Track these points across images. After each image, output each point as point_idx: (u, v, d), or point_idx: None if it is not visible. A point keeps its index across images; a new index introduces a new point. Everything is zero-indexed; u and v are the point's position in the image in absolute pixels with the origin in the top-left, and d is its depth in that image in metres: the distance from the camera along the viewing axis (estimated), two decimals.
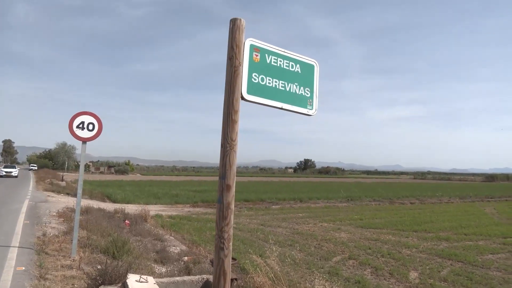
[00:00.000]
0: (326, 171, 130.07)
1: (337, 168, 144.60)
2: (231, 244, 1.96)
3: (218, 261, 1.90)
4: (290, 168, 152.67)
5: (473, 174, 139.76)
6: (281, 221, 14.42)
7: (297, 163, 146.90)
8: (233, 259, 4.35)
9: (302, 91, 2.41)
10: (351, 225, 13.65)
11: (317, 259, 8.51)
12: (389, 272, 7.45)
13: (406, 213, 18.10)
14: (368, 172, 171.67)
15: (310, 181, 62.95)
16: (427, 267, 7.86)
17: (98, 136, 6.12)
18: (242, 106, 2.07)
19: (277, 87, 2.29)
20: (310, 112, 2.45)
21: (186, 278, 4.42)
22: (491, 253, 9.32)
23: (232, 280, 3.83)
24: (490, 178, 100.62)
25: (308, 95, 2.44)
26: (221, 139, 1.99)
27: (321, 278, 4.86)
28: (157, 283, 3.99)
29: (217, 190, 2.00)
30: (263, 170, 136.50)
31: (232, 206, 1.97)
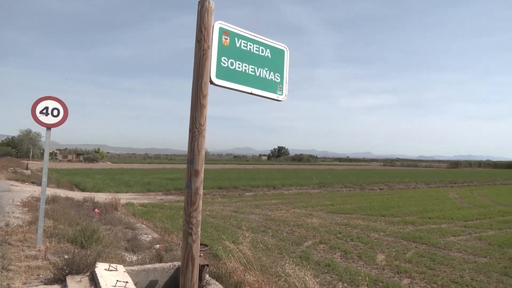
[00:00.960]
0: (299, 158, 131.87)
1: (310, 156, 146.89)
2: (199, 229, 1.94)
3: (186, 247, 1.88)
4: (264, 155, 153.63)
5: (439, 161, 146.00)
6: (255, 208, 14.54)
7: (271, 150, 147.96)
8: (205, 245, 4.35)
9: (272, 76, 2.39)
10: (323, 211, 13.95)
11: (289, 244, 8.67)
12: (357, 255, 7.71)
13: (375, 199, 18.69)
14: (340, 159, 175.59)
15: (284, 168, 63.67)
16: (393, 249, 8.18)
17: (63, 122, 5.87)
18: (212, 91, 2.03)
19: (247, 71, 2.26)
20: (280, 98, 2.44)
21: (157, 265, 4.38)
22: (453, 236, 9.82)
23: (203, 266, 3.84)
24: (454, 164, 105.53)
25: (278, 81, 2.43)
26: (190, 124, 1.95)
27: (291, 262, 4.95)
28: (127, 271, 3.93)
29: (186, 175, 1.96)
30: (237, 158, 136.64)
31: (201, 192, 1.95)
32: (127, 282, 3.38)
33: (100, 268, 3.80)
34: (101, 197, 14.04)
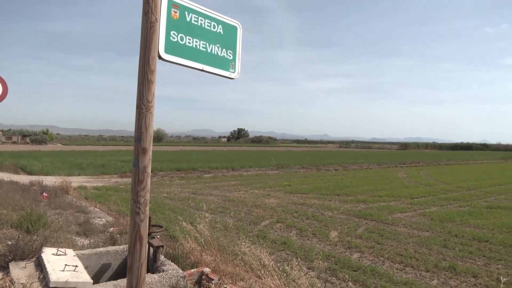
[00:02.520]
0: (259, 140, 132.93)
1: (270, 137, 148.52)
2: (147, 208, 1.89)
3: (134, 226, 1.83)
4: (224, 137, 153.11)
5: (390, 143, 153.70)
6: (213, 189, 14.54)
7: (231, 132, 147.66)
8: (160, 226, 4.30)
9: (224, 53, 2.34)
10: (280, 191, 14.26)
11: (246, 224, 8.80)
12: (312, 233, 8.00)
13: (330, 179, 19.39)
14: (298, 141, 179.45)
15: (243, 150, 63.95)
16: (346, 226, 8.59)
17: (2, 100, 5.44)
18: (165, 68, 1.95)
19: (198, 47, 2.19)
20: (232, 75, 2.40)
21: (110, 248, 4.27)
22: (400, 212, 10.47)
23: (158, 247, 3.80)
24: (404, 146, 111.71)
25: (231, 58, 2.38)
26: (137, 100, 1.87)
27: (247, 241, 5.03)
28: (78, 255, 3.80)
29: (133, 154, 1.90)
30: (196, 140, 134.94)
31: (149, 170, 1.90)
32: (76, 266, 3.26)
33: (47, 253, 3.63)
34: (50, 180, 13.33)
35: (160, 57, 1.97)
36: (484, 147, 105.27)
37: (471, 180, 19.69)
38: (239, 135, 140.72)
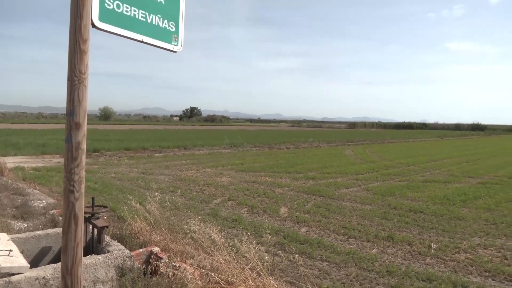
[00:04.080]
0: (212, 119, 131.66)
1: (223, 116, 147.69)
2: (83, 186, 1.80)
3: (68, 205, 1.74)
4: (176, 116, 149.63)
5: (339, 122, 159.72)
6: (164, 169, 14.26)
7: (183, 111, 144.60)
8: (105, 206, 4.15)
9: (166, 24, 2.22)
10: (233, 170, 14.34)
11: (198, 202, 8.78)
12: (263, 210, 8.19)
13: (282, 157, 19.82)
14: (251, 120, 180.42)
15: (196, 129, 63.07)
16: (295, 202, 8.88)
17: None
18: (110, 41, 1.81)
19: (137, 17, 2.05)
20: (175, 49, 2.30)
21: (50, 231, 4.05)
22: (345, 188, 11.01)
23: (102, 228, 3.67)
24: (352, 125, 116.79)
25: (173, 30, 2.27)
26: (68, 72, 1.73)
27: (198, 219, 5.03)
28: (13, 239, 3.56)
29: (65, 128, 1.78)
30: (146, 118, 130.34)
31: (83, 146, 1.79)
32: (10, 250, 3.06)
33: None
34: None
35: (93, 26, 1.82)
36: (423, 126, 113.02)
37: (410, 157, 21.15)
38: (191, 114, 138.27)
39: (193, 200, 9.02)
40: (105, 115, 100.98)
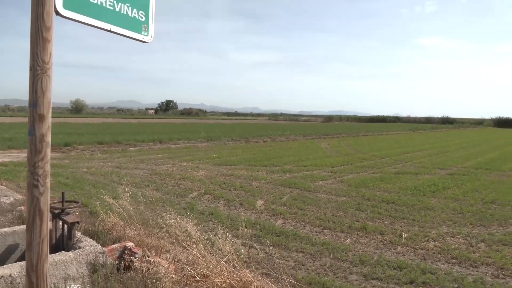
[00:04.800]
0: (188, 112, 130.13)
1: (199, 110, 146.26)
2: (48, 180, 1.73)
3: (32, 200, 1.67)
4: (151, 109, 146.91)
5: (316, 116, 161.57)
6: (139, 163, 14.01)
7: (159, 104, 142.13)
8: (75, 202, 4.03)
9: (135, 13, 2.15)
10: (209, 163, 14.26)
11: (174, 197, 8.69)
12: (239, 203, 8.20)
13: (259, 150, 19.88)
14: (228, 114, 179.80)
15: (172, 122, 62.18)
16: (272, 195, 8.95)
17: None
18: (81, 31, 1.74)
19: (104, 5, 1.97)
20: (145, 39, 2.24)
21: (17, 228, 3.90)
22: (321, 180, 11.18)
23: (73, 223, 3.57)
24: (328, 119, 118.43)
25: (143, 20, 2.21)
26: (30, 61, 1.65)
27: (174, 213, 4.98)
28: None
29: (28, 120, 1.70)
30: (120, 111, 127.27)
31: (48, 139, 1.72)
32: None
33: None
34: None
35: (57, 13, 1.74)
36: (396, 119, 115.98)
37: (384, 150, 21.70)
38: (167, 107, 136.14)
39: (168, 194, 8.92)
40: (77, 108, 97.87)
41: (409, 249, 5.61)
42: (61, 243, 3.80)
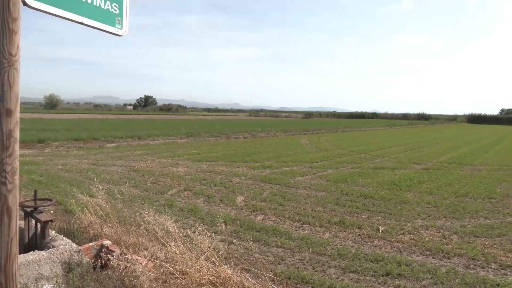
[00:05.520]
0: (167, 108, 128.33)
1: (179, 106, 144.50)
2: (16, 177, 1.67)
3: (0, 198, 1.61)
4: (130, 105, 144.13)
5: (296, 112, 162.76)
6: (117, 160, 13.73)
7: (137, 99, 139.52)
8: (49, 200, 3.92)
9: (108, 6, 2.09)
10: (189, 160, 14.14)
11: (153, 193, 8.58)
12: (219, 199, 8.18)
13: (239, 146, 19.85)
14: (209, 110, 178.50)
15: (151, 118, 61.18)
16: (252, 191, 8.96)
17: None
18: (44, 20, 1.67)
19: None
20: (119, 32, 2.18)
21: None
22: (301, 176, 11.28)
23: (46, 222, 3.47)
24: (308, 115, 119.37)
25: (117, 12, 2.15)
26: None
27: (152, 210, 4.92)
28: None
29: None
30: (97, 107, 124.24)
31: (16, 135, 1.66)
32: None
33: None
34: None
35: (24, 3, 1.67)
36: (374, 115, 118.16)
37: (362, 145, 22.10)
38: (146, 103, 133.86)
39: (147, 191, 8.80)
40: (51, 104, 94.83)
41: (385, 242, 5.75)
42: (34, 243, 3.69)
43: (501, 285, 4.32)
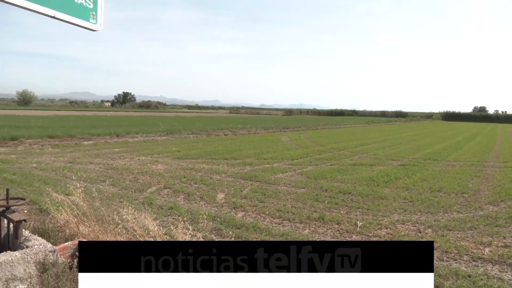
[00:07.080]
0: (147, 105, 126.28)
1: (159, 103, 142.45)
2: None
3: None
4: (108, 101, 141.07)
5: (277, 109, 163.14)
6: (94, 157, 13.44)
7: (115, 96, 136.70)
8: (22, 199, 3.81)
9: (82, 0, 2.05)
10: (169, 157, 13.99)
11: (131, 192, 8.45)
12: (200, 196, 8.14)
13: (220, 144, 19.78)
14: (189, 107, 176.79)
15: (130, 115, 60.10)
16: (232, 188, 8.96)
17: None
18: (17, 13, 1.60)
19: None
20: (94, 27, 2.13)
21: None
22: (281, 173, 11.35)
23: (19, 221, 3.37)
24: (288, 112, 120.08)
25: (91, 7, 2.09)
26: None
27: (130, 208, 4.85)
28: None
29: None
30: (74, 104, 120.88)
31: None
32: None
33: None
34: None
35: None
36: (353, 113, 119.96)
37: (341, 142, 22.42)
38: (124, 100, 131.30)
39: (126, 189, 8.66)
40: (25, 100, 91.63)
41: (363, 236, 5.87)
42: (7, 243, 3.57)
43: (472, 276, 4.50)
